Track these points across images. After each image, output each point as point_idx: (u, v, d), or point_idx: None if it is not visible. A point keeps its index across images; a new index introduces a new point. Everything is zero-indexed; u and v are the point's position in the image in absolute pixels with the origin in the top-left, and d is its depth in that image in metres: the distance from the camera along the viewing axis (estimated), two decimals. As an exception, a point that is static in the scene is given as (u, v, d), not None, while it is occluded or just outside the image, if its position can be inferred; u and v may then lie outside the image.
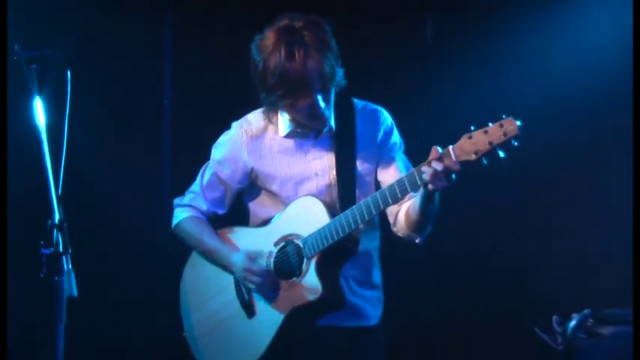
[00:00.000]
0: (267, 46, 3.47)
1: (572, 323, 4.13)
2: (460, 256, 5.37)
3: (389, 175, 3.64)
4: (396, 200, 3.41)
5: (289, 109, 3.55)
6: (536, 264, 5.25)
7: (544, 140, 5.16)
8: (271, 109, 3.66)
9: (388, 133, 3.70)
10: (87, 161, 4.86)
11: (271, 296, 3.61)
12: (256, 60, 3.50)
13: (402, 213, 3.62)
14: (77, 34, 4.97)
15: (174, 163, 5.24)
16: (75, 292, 2.88)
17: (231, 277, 3.72)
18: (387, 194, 3.40)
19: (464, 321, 5.35)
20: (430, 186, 3.30)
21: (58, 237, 2.91)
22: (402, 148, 3.73)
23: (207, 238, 3.79)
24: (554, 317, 4.20)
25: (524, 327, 4.50)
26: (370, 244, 3.71)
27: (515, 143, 3.19)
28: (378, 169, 3.68)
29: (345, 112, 3.69)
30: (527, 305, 5.16)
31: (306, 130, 3.66)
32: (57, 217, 2.93)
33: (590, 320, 4.16)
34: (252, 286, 3.63)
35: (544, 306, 4.81)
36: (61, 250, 2.90)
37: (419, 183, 3.32)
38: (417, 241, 3.65)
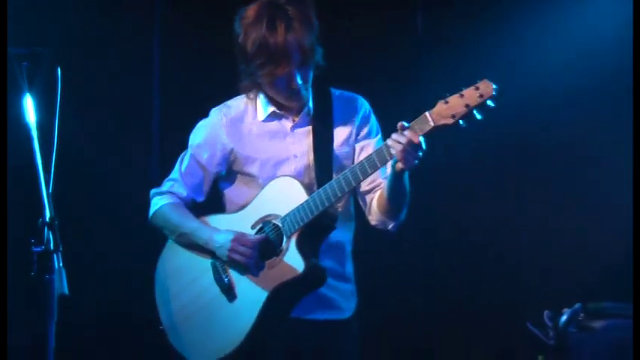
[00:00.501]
0: (249, 18, 3.55)
1: (564, 317, 4.14)
2: (451, 249, 5.37)
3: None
4: (366, 174, 3.42)
5: (267, 82, 3.58)
6: (526, 257, 5.26)
7: (539, 135, 5.17)
8: (250, 86, 3.68)
9: (366, 119, 3.73)
10: (78, 158, 4.86)
11: (253, 277, 3.58)
12: (238, 31, 3.59)
13: (375, 199, 3.66)
14: (67, 32, 4.96)
15: (164, 162, 5.22)
16: (66, 290, 2.87)
17: (208, 263, 3.68)
18: (357, 169, 3.43)
19: (454, 314, 5.35)
20: (399, 164, 3.34)
21: (49, 235, 2.90)
22: (380, 135, 3.74)
23: (189, 220, 3.75)
24: (546, 311, 4.21)
25: (515, 321, 4.51)
26: (344, 235, 3.72)
27: (492, 104, 3.23)
28: (355, 154, 3.70)
29: (323, 98, 3.73)
30: (518, 299, 5.16)
31: (285, 112, 3.69)
32: (48, 214, 2.92)
33: (582, 314, 4.18)
34: (239, 259, 3.57)
35: (535, 300, 4.83)
36: (52, 247, 2.89)
37: (387, 157, 3.36)
38: (389, 227, 3.67)
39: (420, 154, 3.33)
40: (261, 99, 3.73)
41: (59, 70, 3.17)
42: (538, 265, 5.21)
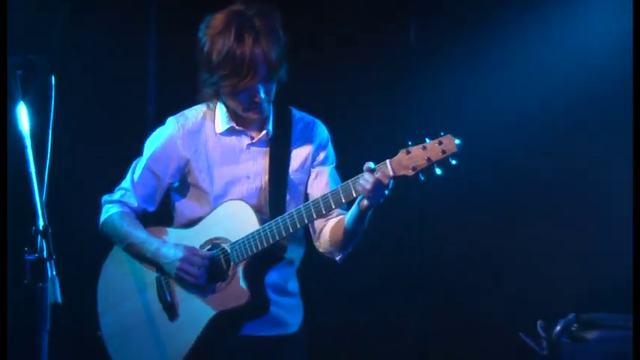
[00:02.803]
0: (216, 27, 3.50)
1: (557, 328, 4.14)
2: (443, 259, 5.37)
3: (318, 189, 3.63)
4: (330, 209, 3.40)
5: (229, 94, 3.53)
6: (520, 268, 5.25)
7: (533, 145, 5.18)
8: (210, 96, 3.63)
9: (323, 146, 3.70)
10: (71, 167, 4.85)
11: (197, 298, 3.55)
12: (203, 39, 3.54)
13: (328, 229, 3.62)
14: (60, 40, 4.96)
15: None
16: (59, 299, 2.86)
17: (153, 276, 3.65)
18: (321, 204, 3.40)
19: (445, 325, 5.35)
20: (365, 202, 3.31)
21: (42, 243, 2.89)
22: (335, 164, 3.73)
23: (136, 230, 3.70)
24: (539, 322, 4.22)
25: (508, 331, 4.51)
26: (292, 253, 3.68)
27: (454, 162, 3.22)
28: (309, 181, 3.67)
29: (282, 119, 3.69)
30: (511, 309, 5.16)
31: (244, 129, 3.65)
32: (41, 223, 2.91)
33: (575, 325, 4.18)
34: (187, 278, 3.53)
35: (528, 310, 4.83)
36: (45, 256, 2.88)
37: (353, 194, 3.33)
38: (337, 258, 3.64)
39: (387, 192, 3.31)
40: (220, 110, 3.68)
41: (53, 78, 3.16)
42: (531, 275, 5.21)
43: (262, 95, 3.50)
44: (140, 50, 5.28)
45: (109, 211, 3.78)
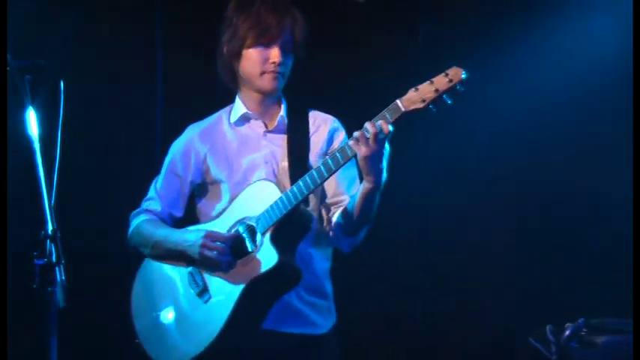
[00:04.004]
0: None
1: (566, 332, 4.13)
2: (451, 263, 5.37)
3: (333, 179, 3.65)
4: (338, 164, 3.42)
5: (247, 49, 3.64)
6: (529, 272, 5.25)
7: (538, 144, 5.18)
8: (229, 63, 3.73)
9: (338, 135, 3.77)
10: (80, 171, 4.85)
11: (227, 274, 3.55)
12: (229, 7, 3.72)
13: (338, 211, 3.65)
14: (67, 44, 4.97)
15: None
16: (62, 303, 2.86)
17: (183, 272, 3.67)
18: (329, 160, 3.44)
19: (454, 329, 5.34)
20: (363, 148, 3.33)
21: (51, 247, 2.90)
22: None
23: (160, 228, 3.76)
24: (548, 326, 4.21)
25: (517, 336, 4.50)
26: (322, 252, 3.72)
27: (461, 89, 3.30)
28: None
29: (297, 109, 3.78)
30: (520, 314, 5.15)
31: (258, 113, 3.74)
32: (50, 227, 2.92)
33: (584, 329, 4.17)
34: (210, 255, 3.54)
35: (538, 315, 4.82)
36: (54, 260, 2.89)
37: (349, 153, 3.39)
38: (344, 246, 3.67)
39: (386, 151, 3.38)
40: (235, 103, 3.78)
41: (62, 82, 3.17)
42: (541, 279, 5.20)
43: (278, 59, 3.60)
44: (148, 54, 5.29)
45: (133, 223, 3.84)
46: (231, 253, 3.55)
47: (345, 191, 3.67)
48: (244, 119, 3.76)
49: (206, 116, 3.92)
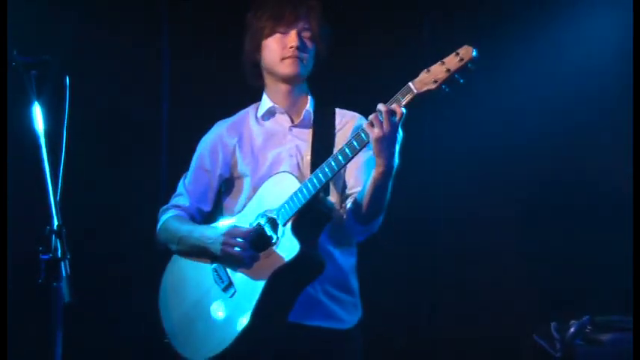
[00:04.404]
0: None
1: (571, 330, 4.13)
2: (457, 260, 5.36)
3: (350, 172, 3.68)
4: (354, 150, 3.43)
5: (269, 35, 3.71)
6: (534, 269, 5.24)
7: (547, 144, 5.16)
8: (252, 64, 3.80)
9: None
10: (85, 166, 4.86)
11: (250, 268, 3.55)
12: (249, 16, 3.81)
13: (352, 198, 3.64)
14: (74, 41, 4.98)
15: (172, 169, 5.23)
16: (68, 298, 2.87)
17: (208, 269, 3.68)
18: (345, 147, 3.45)
19: (460, 326, 5.34)
20: (376, 130, 3.34)
21: (56, 243, 2.90)
22: (371, 151, 3.74)
23: (186, 224, 3.78)
24: (553, 324, 4.21)
25: (522, 333, 4.50)
26: (347, 250, 3.72)
27: (473, 67, 3.31)
28: (347, 164, 3.67)
29: (322, 105, 3.80)
30: (525, 311, 5.15)
31: (284, 107, 3.78)
32: (55, 222, 2.92)
33: (589, 327, 4.16)
34: (232, 251, 3.55)
35: (542, 312, 4.82)
36: (59, 255, 2.89)
37: (364, 138, 3.39)
38: (358, 233, 3.66)
39: (399, 136, 3.38)
40: (262, 99, 3.82)
41: (67, 78, 3.17)
42: (545, 276, 5.19)
43: (297, 43, 3.67)
44: (154, 50, 5.29)
45: (162, 219, 3.86)
46: (252, 247, 3.56)
47: (363, 182, 3.64)
48: (270, 113, 3.80)
49: (217, 112, 3.94)
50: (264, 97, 3.82)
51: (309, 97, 3.81)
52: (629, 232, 4.42)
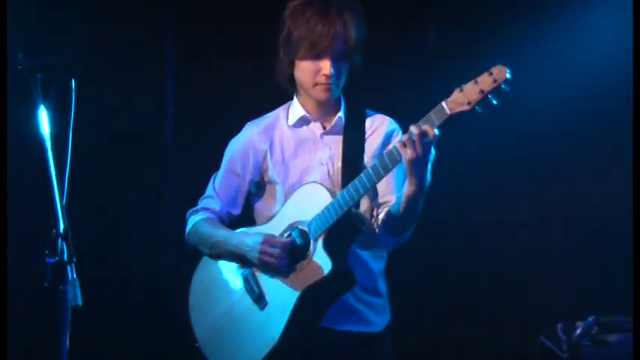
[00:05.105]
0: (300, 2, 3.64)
1: (577, 331, 4.13)
2: (464, 262, 5.36)
3: (384, 178, 3.62)
4: (387, 169, 3.41)
5: (302, 58, 3.61)
6: (540, 270, 5.24)
7: (552, 145, 5.16)
8: (285, 68, 3.71)
9: (394, 139, 3.70)
10: (91, 170, 4.87)
11: (283, 282, 3.57)
12: (285, 14, 3.67)
13: (382, 213, 3.64)
14: (79, 44, 4.98)
15: (177, 172, 5.24)
16: (79, 302, 2.87)
17: (239, 274, 3.69)
18: (378, 165, 3.43)
19: (466, 327, 5.34)
20: (409, 151, 3.30)
21: (62, 246, 2.90)
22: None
23: (220, 229, 3.77)
24: (559, 325, 4.20)
25: (528, 334, 4.50)
26: (376, 253, 3.72)
27: (506, 88, 3.25)
28: None
29: (354, 110, 3.76)
30: (531, 312, 5.14)
31: (315, 117, 3.74)
32: (62, 226, 2.92)
33: (595, 328, 4.16)
34: (269, 260, 3.56)
35: (549, 313, 4.81)
36: (65, 259, 2.89)
37: (397, 158, 3.36)
38: (388, 245, 3.68)
39: (431, 155, 3.36)
40: (293, 105, 3.78)
41: (73, 81, 3.17)
42: (552, 277, 5.19)
43: (332, 71, 3.58)
44: (159, 52, 5.30)
45: (192, 221, 3.85)
46: (288, 257, 3.57)
47: (395, 191, 3.64)
48: (303, 121, 3.76)
49: (222, 115, 3.91)
50: (296, 103, 3.76)
51: (342, 102, 3.77)
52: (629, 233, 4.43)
